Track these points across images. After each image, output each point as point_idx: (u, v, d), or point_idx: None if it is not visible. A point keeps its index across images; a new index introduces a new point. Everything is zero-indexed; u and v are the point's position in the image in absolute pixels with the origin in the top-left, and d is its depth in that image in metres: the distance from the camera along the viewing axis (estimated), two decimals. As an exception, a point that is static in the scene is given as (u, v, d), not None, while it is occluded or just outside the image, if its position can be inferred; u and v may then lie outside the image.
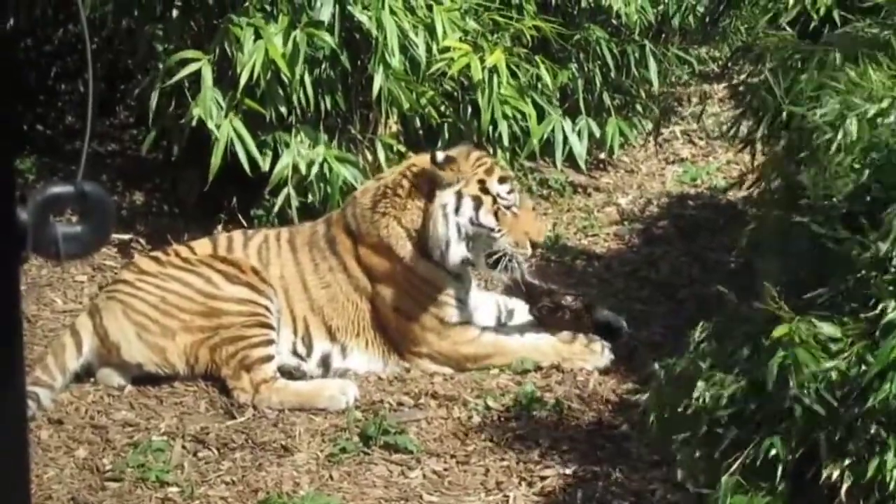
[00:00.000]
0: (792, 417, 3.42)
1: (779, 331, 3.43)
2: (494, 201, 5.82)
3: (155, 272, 5.92)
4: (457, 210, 5.80)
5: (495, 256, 5.83)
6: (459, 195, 5.81)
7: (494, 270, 5.89)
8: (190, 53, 6.81)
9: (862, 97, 3.71)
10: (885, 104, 3.63)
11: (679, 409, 3.65)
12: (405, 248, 5.89)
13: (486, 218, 5.81)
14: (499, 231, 5.82)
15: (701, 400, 3.56)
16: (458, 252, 5.83)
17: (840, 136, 3.65)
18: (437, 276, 5.90)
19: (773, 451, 3.42)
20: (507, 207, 5.83)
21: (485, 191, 5.82)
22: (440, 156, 5.84)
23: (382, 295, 5.94)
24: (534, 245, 5.87)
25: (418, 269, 5.89)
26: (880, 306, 3.40)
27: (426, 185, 5.86)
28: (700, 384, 3.57)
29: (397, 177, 5.97)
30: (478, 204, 5.81)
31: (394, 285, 5.93)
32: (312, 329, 5.95)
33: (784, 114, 4.95)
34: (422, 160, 5.96)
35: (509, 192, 5.85)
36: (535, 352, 5.94)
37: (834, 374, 3.39)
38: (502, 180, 5.87)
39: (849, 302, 3.52)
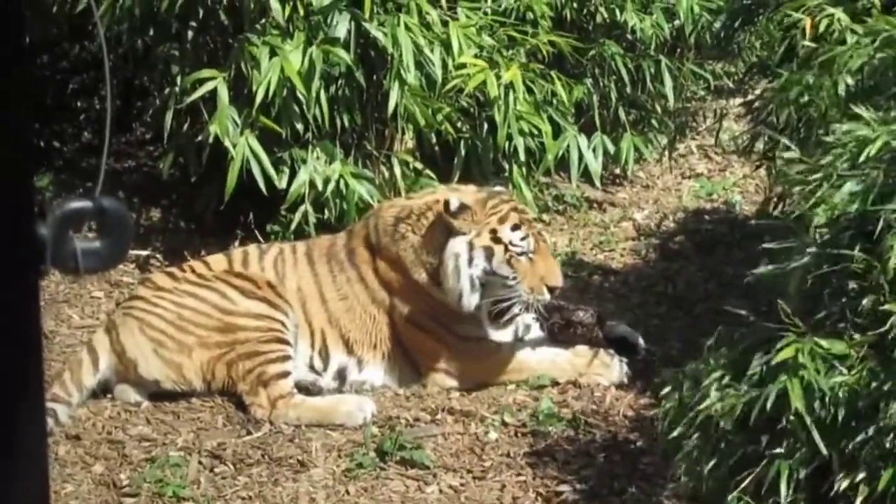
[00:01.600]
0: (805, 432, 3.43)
1: (784, 353, 3.45)
2: (506, 249, 5.76)
3: (170, 288, 5.93)
4: (470, 261, 5.75)
5: (499, 308, 5.82)
6: (471, 246, 5.75)
7: (496, 321, 5.90)
8: (205, 72, 6.82)
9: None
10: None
11: (690, 415, 3.66)
12: (420, 275, 5.87)
13: (501, 267, 5.75)
14: (514, 279, 5.77)
15: (713, 409, 3.57)
16: (472, 301, 5.79)
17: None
18: (452, 301, 5.89)
19: (782, 469, 3.44)
20: (522, 254, 5.78)
21: (496, 240, 5.76)
22: (454, 204, 5.76)
23: (399, 309, 5.93)
24: (551, 290, 5.82)
25: (433, 293, 5.87)
26: (890, 321, 3.41)
27: (442, 228, 5.83)
28: (714, 393, 3.58)
29: (423, 206, 5.92)
30: (489, 254, 5.75)
31: (410, 301, 5.92)
32: (329, 341, 5.95)
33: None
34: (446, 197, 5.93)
35: (522, 239, 5.77)
36: (552, 367, 5.93)
37: (842, 392, 3.41)
38: (515, 227, 5.78)
39: (858, 318, 3.53)
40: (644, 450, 5.22)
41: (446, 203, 5.78)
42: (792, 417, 3.40)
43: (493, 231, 5.77)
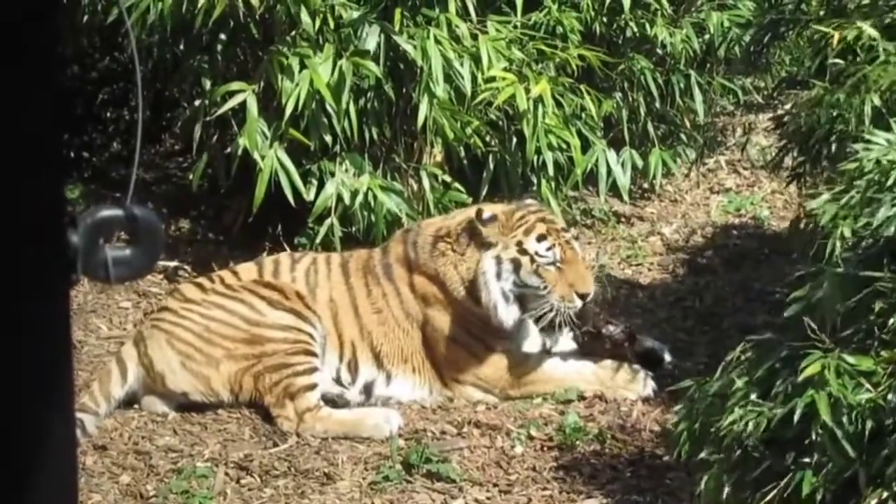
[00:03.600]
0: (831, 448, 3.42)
1: (810, 369, 3.43)
2: (532, 260, 5.81)
3: (199, 300, 5.95)
4: (498, 275, 5.82)
5: (542, 314, 5.83)
6: (499, 260, 5.82)
7: (546, 327, 5.91)
8: (235, 84, 6.84)
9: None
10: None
11: (711, 430, 3.65)
12: (458, 292, 5.91)
13: (530, 278, 5.81)
14: (544, 288, 5.80)
15: (737, 424, 3.55)
16: (509, 314, 5.84)
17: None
18: (491, 317, 5.90)
19: (806, 479, 3.42)
20: (549, 264, 5.82)
21: (522, 252, 5.82)
22: (486, 214, 5.85)
23: (433, 323, 5.95)
24: (582, 297, 5.84)
25: (471, 308, 5.90)
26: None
27: (476, 243, 5.88)
28: (738, 410, 3.56)
29: (458, 224, 5.98)
30: (517, 266, 5.81)
31: (446, 314, 5.94)
32: (360, 354, 5.96)
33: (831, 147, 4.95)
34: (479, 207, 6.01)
35: (548, 249, 5.83)
36: (580, 380, 5.93)
37: (868, 408, 3.39)
38: (541, 238, 5.84)
39: (886, 336, 3.52)
40: (670, 465, 5.20)
41: (478, 211, 5.86)
42: (820, 430, 3.38)
43: (520, 243, 5.82)
